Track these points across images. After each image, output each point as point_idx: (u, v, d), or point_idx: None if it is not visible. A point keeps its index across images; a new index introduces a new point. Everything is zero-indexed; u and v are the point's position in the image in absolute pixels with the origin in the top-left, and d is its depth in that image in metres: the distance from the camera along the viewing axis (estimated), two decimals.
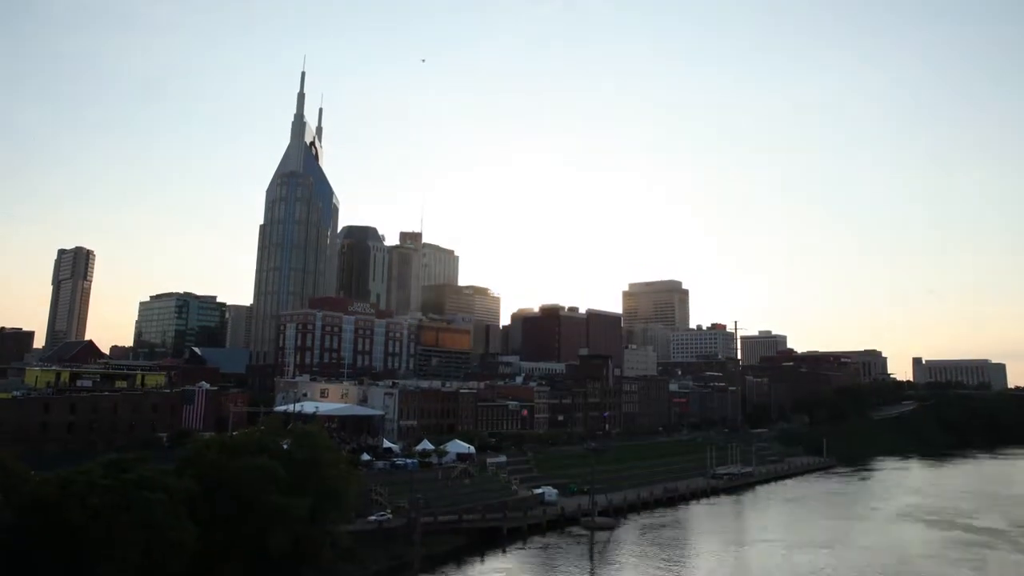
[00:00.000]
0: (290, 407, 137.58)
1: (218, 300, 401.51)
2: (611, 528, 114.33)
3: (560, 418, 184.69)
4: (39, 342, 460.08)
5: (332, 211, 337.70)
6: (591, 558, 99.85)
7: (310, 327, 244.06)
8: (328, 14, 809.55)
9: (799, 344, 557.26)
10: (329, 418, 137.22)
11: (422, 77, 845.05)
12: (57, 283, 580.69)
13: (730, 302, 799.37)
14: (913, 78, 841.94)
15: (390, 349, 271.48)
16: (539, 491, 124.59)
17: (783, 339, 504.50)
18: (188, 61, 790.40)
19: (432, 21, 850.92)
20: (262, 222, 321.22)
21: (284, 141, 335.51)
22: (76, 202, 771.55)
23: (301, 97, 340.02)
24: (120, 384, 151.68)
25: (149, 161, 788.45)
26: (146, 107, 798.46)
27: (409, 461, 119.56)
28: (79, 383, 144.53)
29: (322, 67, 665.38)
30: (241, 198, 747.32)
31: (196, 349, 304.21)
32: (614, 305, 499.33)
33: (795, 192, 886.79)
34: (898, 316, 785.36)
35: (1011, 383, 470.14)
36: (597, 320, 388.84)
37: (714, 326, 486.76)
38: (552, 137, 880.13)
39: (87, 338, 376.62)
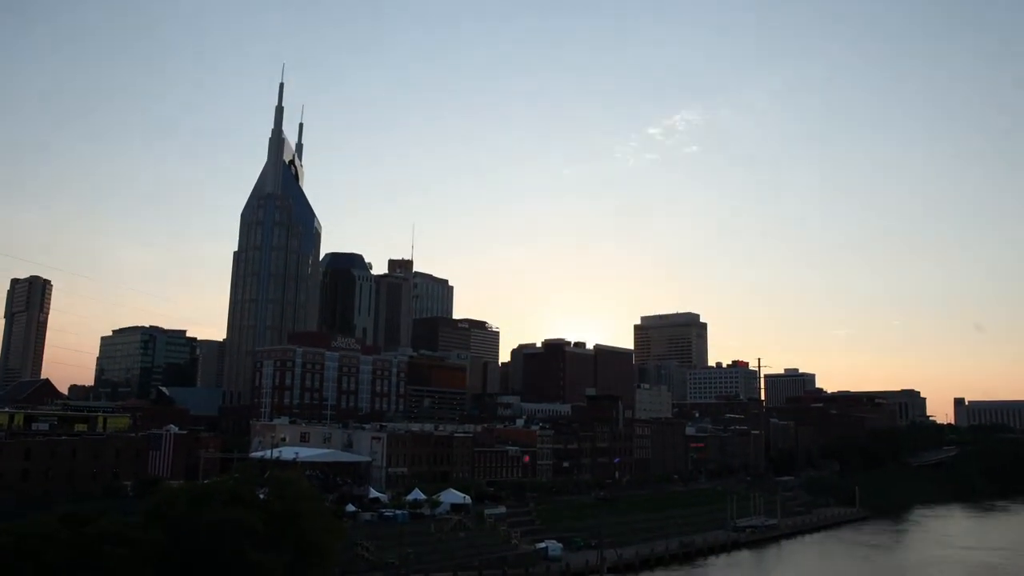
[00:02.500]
0: (267, 453, 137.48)
1: (188, 335, 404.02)
2: None
3: (565, 465, 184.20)
4: None
5: (314, 237, 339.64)
6: None
7: (289, 364, 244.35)
8: (309, 20, 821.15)
9: (828, 383, 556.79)
10: (310, 465, 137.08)
11: (412, 90, 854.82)
12: (10, 316, 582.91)
13: (752, 337, 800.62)
14: (949, 85, 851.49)
15: (378, 388, 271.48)
16: (542, 545, 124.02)
17: (811, 378, 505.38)
18: (155, 70, 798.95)
19: (426, 26, 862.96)
20: (236, 248, 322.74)
21: (260, 159, 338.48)
22: (31, 226, 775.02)
23: (279, 111, 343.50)
24: (80, 427, 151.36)
25: (111, 181, 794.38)
26: (109, 118, 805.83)
27: (399, 512, 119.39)
28: (35, 426, 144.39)
29: (303, 78, 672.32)
30: (213, 222, 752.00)
31: (163, 389, 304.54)
32: (624, 340, 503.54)
33: (824, 217, 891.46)
34: (938, 354, 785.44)
35: None
36: (606, 357, 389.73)
37: (735, 363, 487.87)
38: (555, 155, 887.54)
39: (43, 376, 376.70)
